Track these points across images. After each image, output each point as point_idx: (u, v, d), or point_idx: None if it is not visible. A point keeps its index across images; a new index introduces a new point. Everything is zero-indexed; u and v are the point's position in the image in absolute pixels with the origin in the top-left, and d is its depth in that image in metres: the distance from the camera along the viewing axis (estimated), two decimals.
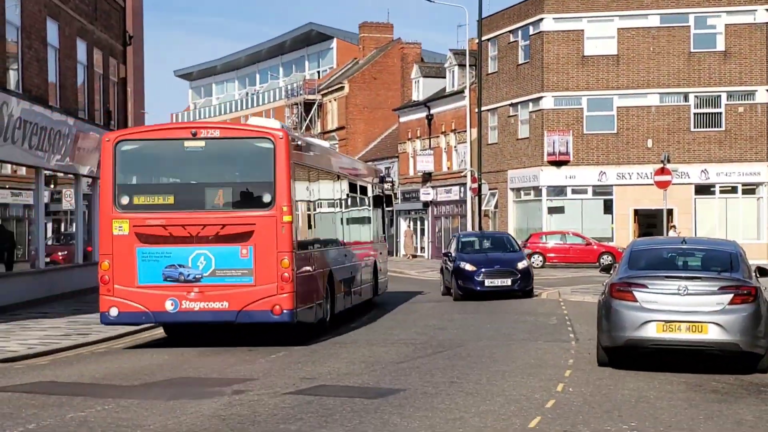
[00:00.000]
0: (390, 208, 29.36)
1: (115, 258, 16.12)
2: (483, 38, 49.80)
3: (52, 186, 27.30)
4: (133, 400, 11.06)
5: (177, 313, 16.08)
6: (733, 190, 45.76)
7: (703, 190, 45.82)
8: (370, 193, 24.78)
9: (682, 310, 12.69)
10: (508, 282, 25.71)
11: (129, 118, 42.86)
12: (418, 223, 62.04)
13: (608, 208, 46.76)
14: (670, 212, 42.39)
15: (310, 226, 17.92)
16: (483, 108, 49.47)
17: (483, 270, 25.70)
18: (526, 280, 26.03)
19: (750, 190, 45.77)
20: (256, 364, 14.27)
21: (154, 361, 14.89)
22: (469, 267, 25.79)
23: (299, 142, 17.41)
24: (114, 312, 16.22)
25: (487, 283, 25.58)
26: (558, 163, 46.55)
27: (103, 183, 16.48)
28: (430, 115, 58.23)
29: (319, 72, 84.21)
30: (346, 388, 11.87)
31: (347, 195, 21.81)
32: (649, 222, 45.27)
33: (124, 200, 16.27)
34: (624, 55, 46.24)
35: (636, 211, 46.15)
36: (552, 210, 47.20)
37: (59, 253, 28.00)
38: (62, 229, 29.21)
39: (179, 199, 16.31)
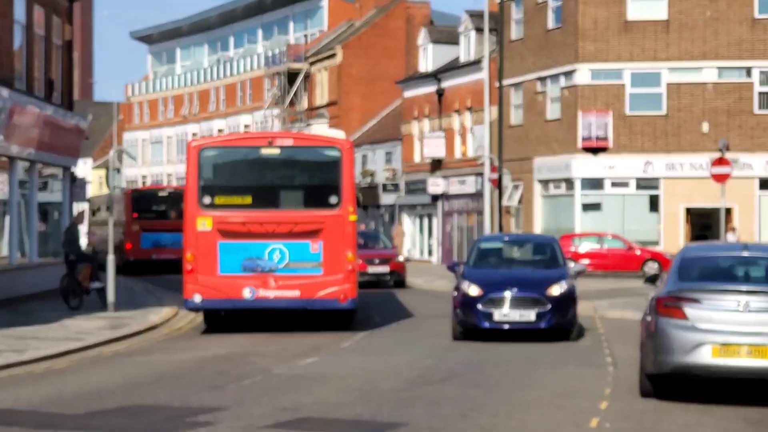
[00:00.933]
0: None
1: (199, 251, 21.39)
2: None
3: None
4: (76, 431, 11.08)
5: (254, 300, 21.46)
6: None
7: None
8: None
9: (743, 330, 12.70)
10: (530, 316, 20.69)
11: (75, 89, 42.84)
12: (426, 220, 62.04)
13: (654, 205, 46.76)
14: (728, 211, 42.39)
15: None
16: (504, 82, 49.44)
17: (493, 296, 20.75)
18: (560, 312, 20.91)
19: None
20: (227, 390, 14.30)
21: (104, 384, 14.92)
22: (473, 290, 20.95)
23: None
24: (198, 298, 21.55)
25: (498, 316, 20.67)
26: (594, 150, 46.55)
27: (189, 184, 21.61)
28: (441, 89, 58.23)
29: (306, 36, 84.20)
30: (335, 422, 11.90)
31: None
32: (704, 223, 45.24)
33: (207, 200, 21.52)
34: (675, 21, 46.23)
35: (688, 210, 46.15)
36: (587, 207, 47.19)
37: None
38: None
39: (256, 200, 21.72)
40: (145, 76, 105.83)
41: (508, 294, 20.79)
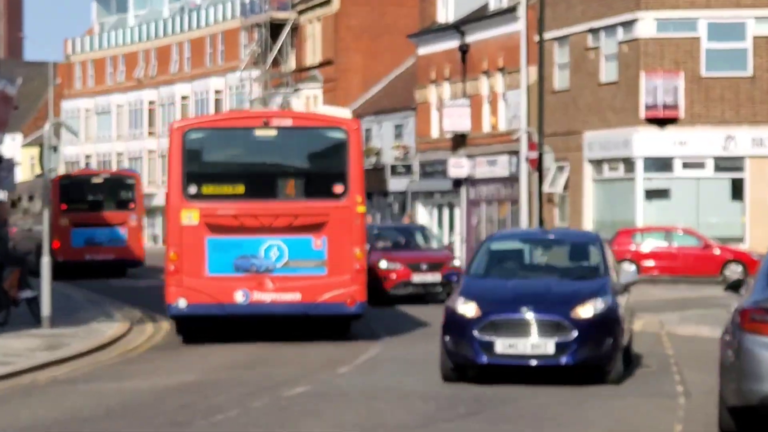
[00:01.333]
0: None
1: (184, 248, 22.94)
2: None
3: None
4: None
5: (248, 305, 22.99)
6: None
7: None
8: None
9: None
10: (547, 347, 18.51)
11: (0, 46, 42.84)
12: (446, 211, 62.01)
13: (738, 191, 46.71)
14: None
15: None
16: (546, 35, 49.35)
17: (495, 318, 18.69)
18: (591, 342, 18.66)
19: None
20: (193, 428, 14.32)
21: (38, 420, 14.94)
22: (468, 310, 18.91)
23: None
24: (182, 303, 22.86)
25: (501, 347, 18.48)
26: (661, 122, 46.52)
27: (171, 172, 23.26)
28: (465, 45, 58.19)
29: None
30: None
31: None
32: None
33: (192, 189, 23.08)
34: None
35: None
36: (651, 194, 47.15)
37: None
38: None
39: (250, 189, 23.38)
40: (89, 29, 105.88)
41: (517, 316, 18.75)
